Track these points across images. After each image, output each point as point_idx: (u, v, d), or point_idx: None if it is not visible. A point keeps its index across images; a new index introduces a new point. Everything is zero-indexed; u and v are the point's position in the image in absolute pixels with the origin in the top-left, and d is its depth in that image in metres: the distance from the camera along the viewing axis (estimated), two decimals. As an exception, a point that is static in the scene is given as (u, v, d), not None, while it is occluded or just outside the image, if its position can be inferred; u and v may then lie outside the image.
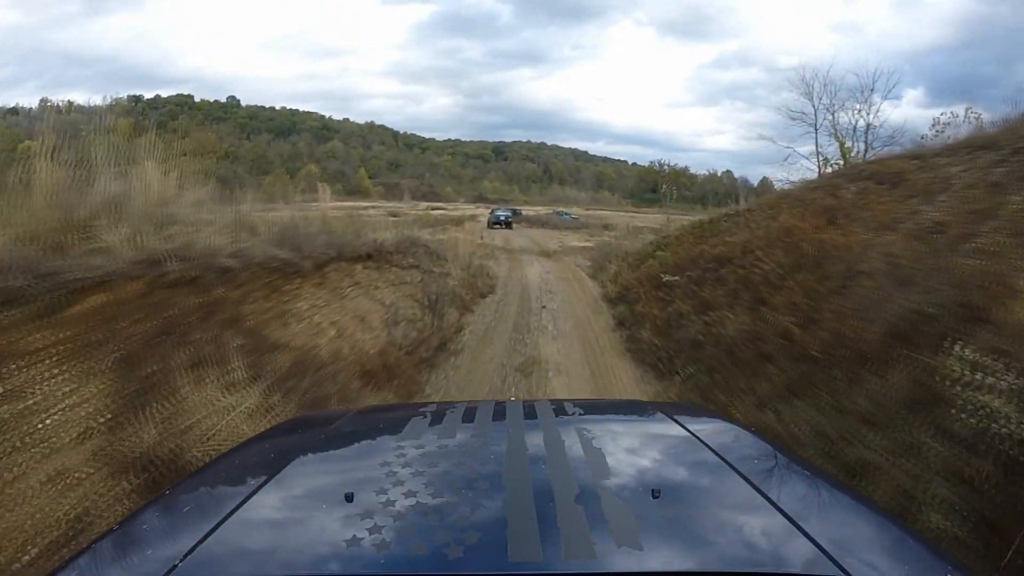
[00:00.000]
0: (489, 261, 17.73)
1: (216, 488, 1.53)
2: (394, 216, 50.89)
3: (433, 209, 73.75)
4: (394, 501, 1.19)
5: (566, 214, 59.58)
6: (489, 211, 55.56)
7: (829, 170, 22.06)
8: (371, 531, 1.08)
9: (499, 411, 1.78)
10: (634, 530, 1.08)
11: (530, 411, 1.80)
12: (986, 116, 12.72)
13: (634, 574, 1.03)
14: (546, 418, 1.73)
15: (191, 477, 1.79)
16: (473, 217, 56.83)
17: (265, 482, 1.36)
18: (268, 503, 1.30)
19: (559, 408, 1.84)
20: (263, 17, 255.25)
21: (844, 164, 21.77)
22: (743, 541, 1.15)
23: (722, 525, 1.22)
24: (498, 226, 42.58)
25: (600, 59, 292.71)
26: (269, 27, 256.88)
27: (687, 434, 1.66)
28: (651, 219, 63.38)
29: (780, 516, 1.18)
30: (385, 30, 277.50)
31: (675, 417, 1.83)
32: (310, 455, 1.64)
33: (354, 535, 1.07)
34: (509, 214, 49.96)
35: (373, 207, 73.58)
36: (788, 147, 22.67)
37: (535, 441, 1.52)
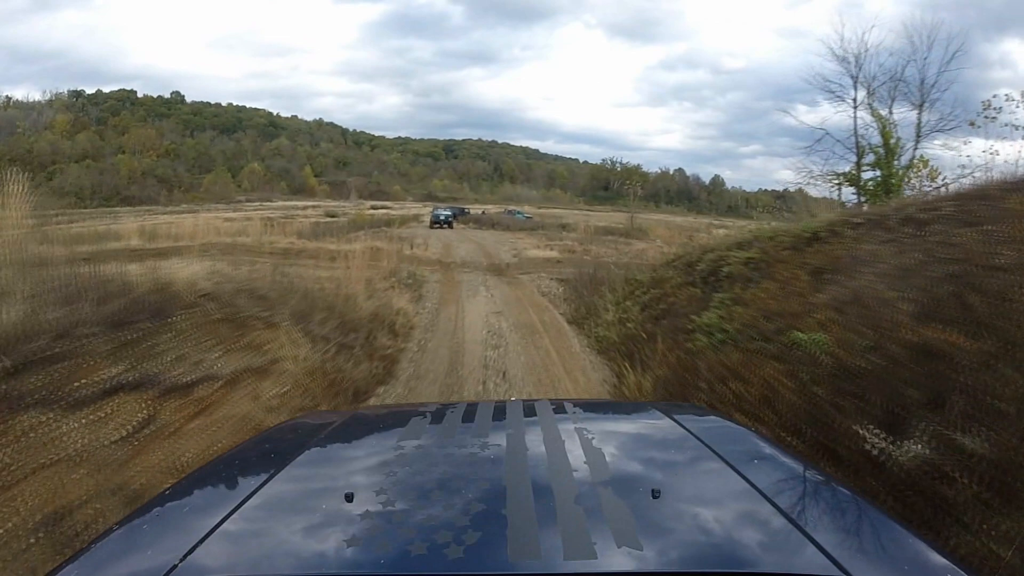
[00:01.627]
0: (401, 298, 10.14)
1: (216, 488, 1.45)
2: (331, 216, 44.39)
3: (376, 208, 67.34)
4: (394, 501, 1.15)
5: (519, 213, 52.87)
6: (430, 209, 49.59)
7: (872, 158, 15.72)
8: (371, 531, 1.06)
9: (499, 411, 1.73)
10: (634, 530, 1.05)
11: (530, 411, 1.74)
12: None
13: (634, 574, 0.98)
14: (546, 418, 1.67)
15: (191, 477, 1.59)
16: (417, 217, 50.03)
17: (265, 482, 1.31)
18: (269, 503, 1.24)
19: (559, 408, 1.81)
20: (212, 15, 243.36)
21: (886, 152, 15.53)
22: (743, 541, 1.11)
23: (722, 525, 1.16)
24: (438, 225, 39.80)
25: (550, 60, 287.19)
26: (218, 25, 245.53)
27: (687, 434, 1.61)
28: (609, 218, 57.34)
29: (780, 516, 1.14)
30: (336, 29, 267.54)
31: (675, 417, 1.77)
32: (310, 455, 1.52)
33: (354, 535, 1.05)
34: (450, 213, 44.91)
35: (312, 207, 67.06)
36: (819, 128, 15.72)
37: (535, 441, 1.47)
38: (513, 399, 2.35)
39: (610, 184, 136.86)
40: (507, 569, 0.95)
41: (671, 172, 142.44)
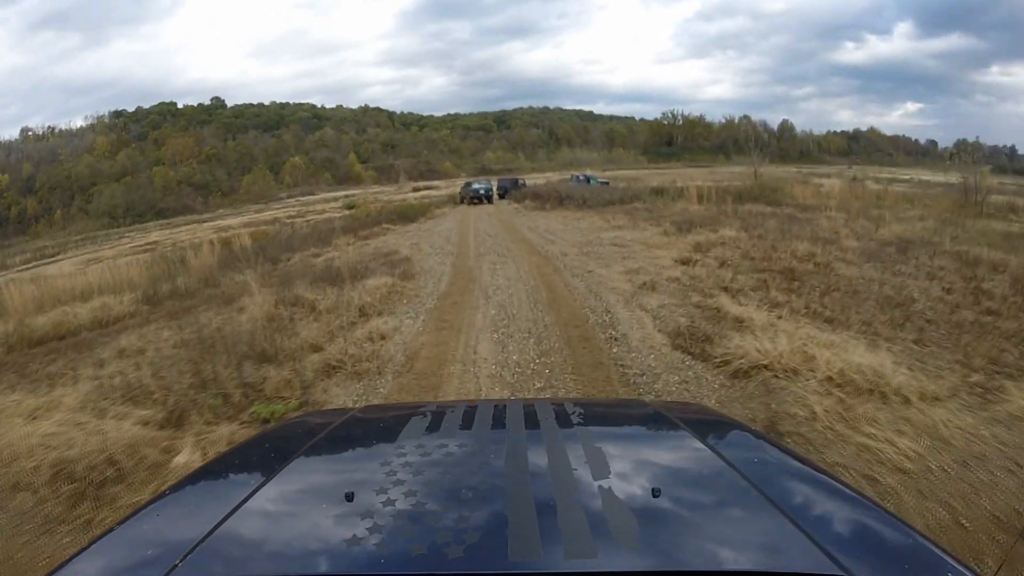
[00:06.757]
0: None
1: (216, 488, 1.39)
2: (350, 208, 34.64)
3: (418, 190, 54.58)
4: (394, 501, 1.09)
5: (592, 178, 37.55)
6: (463, 185, 38.23)
7: None
8: (371, 530, 1.00)
9: (499, 410, 1.64)
10: (634, 530, 0.99)
11: (530, 410, 1.63)
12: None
13: (634, 574, 0.93)
14: (546, 417, 1.56)
15: (191, 476, 1.48)
16: (454, 199, 35.95)
17: (266, 482, 1.23)
18: (269, 503, 1.17)
19: (559, 407, 1.68)
20: (254, 25, 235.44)
21: None
22: (743, 541, 1.05)
23: (722, 525, 1.10)
24: (477, 201, 32.24)
25: (588, 25, 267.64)
26: (261, 33, 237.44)
27: (687, 434, 1.51)
28: (695, 175, 42.04)
29: (780, 516, 1.08)
30: (374, 22, 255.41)
31: (675, 417, 1.68)
32: (311, 455, 1.43)
33: (354, 535, 0.99)
34: (487, 186, 34.51)
35: (345, 196, 55.28)
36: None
37: (536, 440, 1.39)
38: (513, 398, 2.12)
39: (673, 139, 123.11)
40: (508, 568, 0.90)
41: (736, 120, 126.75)
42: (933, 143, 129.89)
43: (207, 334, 5.81)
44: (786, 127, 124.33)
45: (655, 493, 1.12)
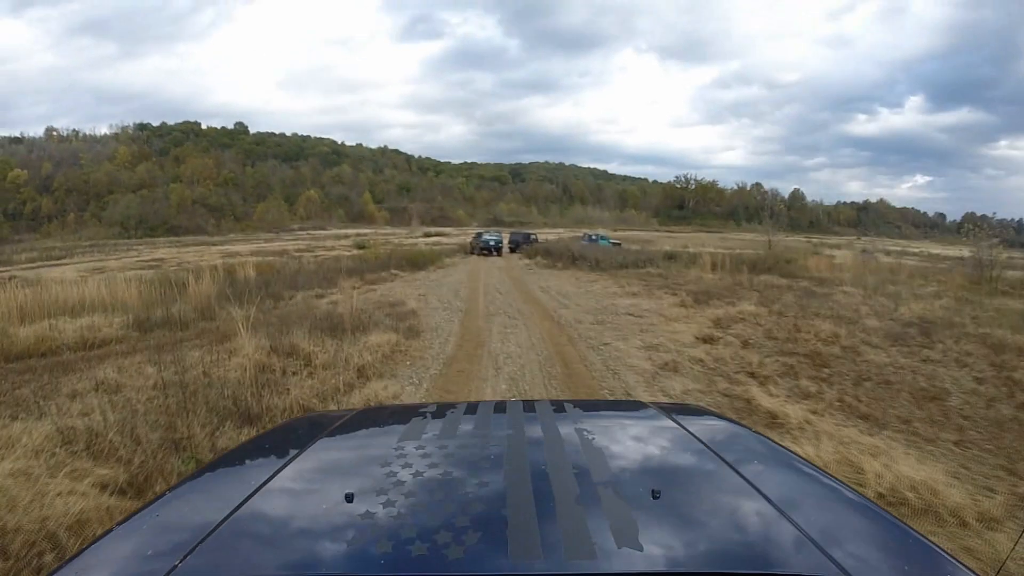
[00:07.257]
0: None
1: (218, 487, 1.35)
2: (360, 248, 35.17)
3: (429, 235, 54.48)
4: (395, 501, 1.08)
5: (603, 238, 37.42)
6: (474, 235, 39.16)
7: None
8: (372, 531, 0.99)
9: (500, 411, 1.62)
10: (634, 530, 0.99)
11: (530, 410, 1.63)
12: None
13: (634, 574, 0.91)
14: (546, 418, 1.55)
15: (193, 476, 1.47)
16: (464, 249, 35.71)
17: (265, 482, 1.21)
18: (269, 503, 1.15)
19: (559, 408, 1.68)
20: (285, 57, 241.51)
21: None
22: (743, 541, 1.04)
23: (722, 525, 1.09)
24: (487, 253, 32.84)
25: (607, 85, 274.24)
26: (291, 66, 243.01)
27: (687, 434, 1.51)
28: (705, 240, 41.82)
29: (780, 516, 1.07)
30: (400, 66, 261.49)
31: (675, 417, 1.66)
32: (310, 455, 1.40)
33: (354, 535, 0.98)
34: (498, 238, 34.89)
35: (355, 235, 55.06)
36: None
37: (535, 441, 1.38)
38: (513, 399, 1.98)
39: (685, 202, 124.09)
40: (508, 569, 0.89)
41: (748, 187, 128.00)
42: (941, 216, 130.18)
43: (191, 378, 5.30)
44: (797, 196, 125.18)
45: (655, 494, 1.11)
